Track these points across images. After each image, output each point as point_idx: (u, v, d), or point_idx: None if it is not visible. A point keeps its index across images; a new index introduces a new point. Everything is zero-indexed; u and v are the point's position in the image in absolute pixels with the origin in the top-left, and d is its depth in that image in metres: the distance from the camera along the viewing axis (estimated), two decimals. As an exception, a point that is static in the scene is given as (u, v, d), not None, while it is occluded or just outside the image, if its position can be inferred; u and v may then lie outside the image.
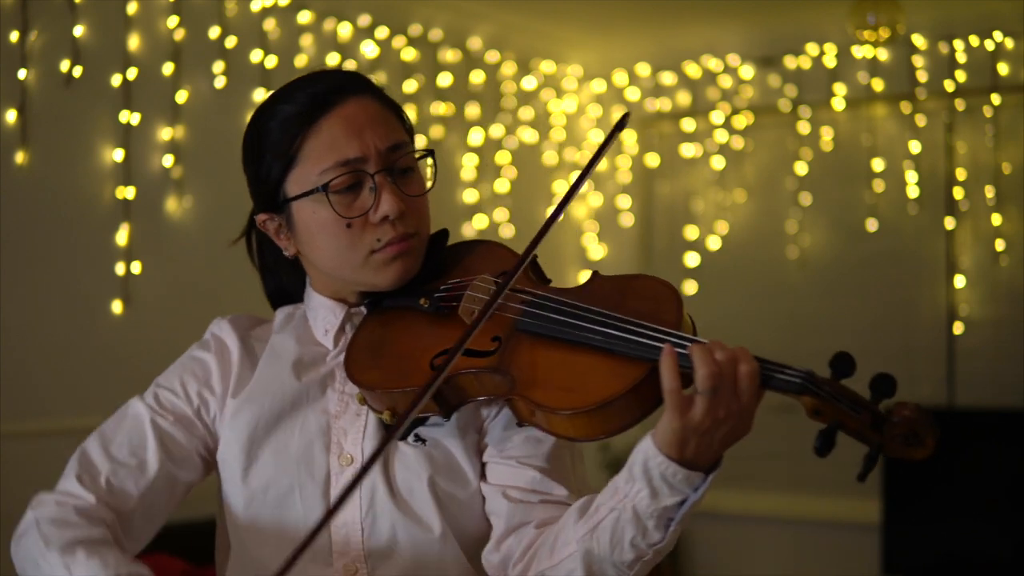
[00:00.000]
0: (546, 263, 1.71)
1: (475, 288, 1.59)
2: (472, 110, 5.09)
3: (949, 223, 4.99)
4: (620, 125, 1.62)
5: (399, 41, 4.78)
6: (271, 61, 4.26)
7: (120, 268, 3.82)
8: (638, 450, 1.39)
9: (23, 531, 1.56)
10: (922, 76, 5.03)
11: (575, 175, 5.54)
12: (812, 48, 5.23)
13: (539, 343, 1.50)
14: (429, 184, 1.66)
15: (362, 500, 1.57)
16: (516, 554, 1.53)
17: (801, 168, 5.25)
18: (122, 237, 3.82)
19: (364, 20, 4.63)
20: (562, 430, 1.45)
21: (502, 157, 5.22)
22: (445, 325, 1.58)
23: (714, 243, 5.43)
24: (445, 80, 4.95)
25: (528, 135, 5.38)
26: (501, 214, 5.20)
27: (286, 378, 1.64)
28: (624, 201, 5.65)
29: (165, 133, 3.95)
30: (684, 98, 5.52)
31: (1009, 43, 4.88)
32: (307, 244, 1.62)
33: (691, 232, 5.49)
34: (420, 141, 4.81)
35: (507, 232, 5.18)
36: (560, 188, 5.56)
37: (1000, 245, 4.90)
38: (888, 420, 1.36)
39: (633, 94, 5.62)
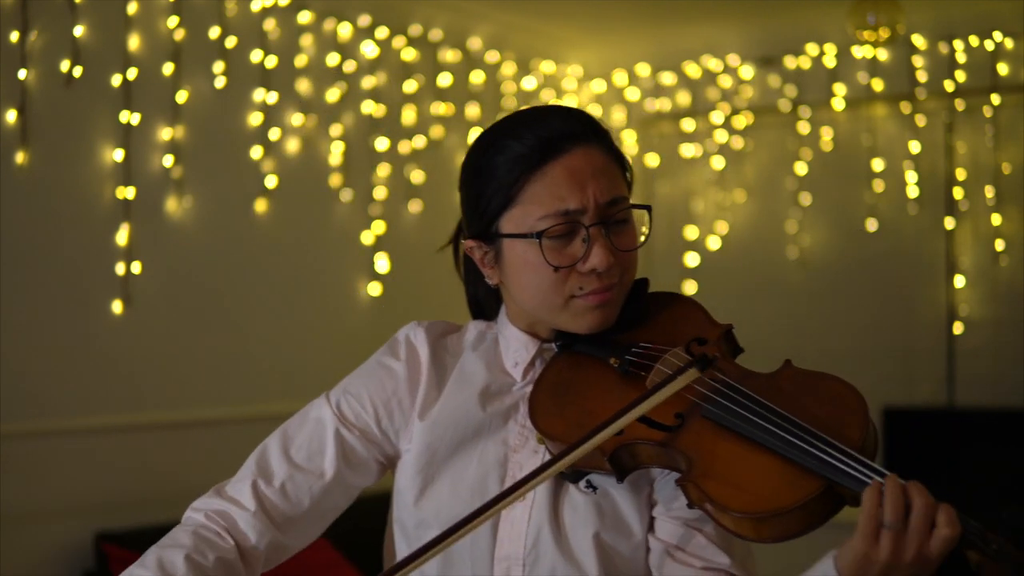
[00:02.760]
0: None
1: (665, 363, 1.58)
2: (472, 110, 5.09)
3: (949, 223, 4.99)
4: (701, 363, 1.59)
5: (399, 41, 4.78)
6: (271, 61, 4.26)
7: (120, 268, 3.82)
8: (817, 570, 1.42)
9: (179, 526, 1.64)
10: (922, 76, 5.03)
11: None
12: (812, 48, 5.23)
13: (719, 432, 1.50)
14: (644, 236, 1.65)
15: (527, 538, 1.58)
16: None
17: (801, 168, 5.26)
18: (122, 237, 3.82)
19: (364, 20, 4.63)
20: (728, 524, 1.45)
21: (502, 157, 5.21)
22: (631, 388, 1.57)
23: (714, 243, 5.43)
24: (445, 80, 4.95)
25: (528, 135, 5.37)
26: (501, 214, 5.19)
27: (472, 407, 1.66)
28: (624, 201, 5.64)
29: (165, 133, 3.95)
30: (684, 98, 5.52)
31: (1009, 43, 4.88)
32: (511, 279, 1.63)
33: (691, 232, 5.49)
34: (420, 141, 4.82)
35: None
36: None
37: (1000, 245, 4.91)
38: None
39: (633, 94, 5.62)
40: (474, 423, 1.65)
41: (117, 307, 3.82)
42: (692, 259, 5.45)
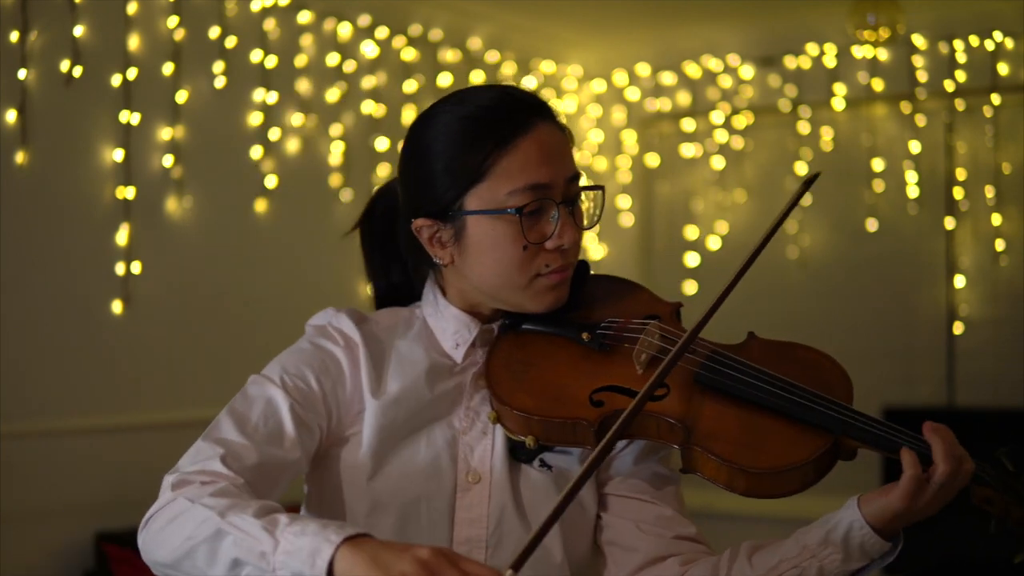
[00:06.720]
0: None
1: (649, 333, 1.60)
2: (472, 110, 5.08)
3: (949, 223, 4.99)
4: (810, 181, 1.68)
5: (399, 41, 4.78)
6: (271, 61, 4.26)
7: (120, 268, 3.82)
8: (841, 519, 1.48)
9: (175, 513, 1.42)
10: (922, 76, 5.03)
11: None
12: (812, 48, 5.23)
13: (717, 398, 1.52)
14: (598, 217, 1.68)
15: (490, 520, 1.57)
16: None
17: (801, 168, 5.25)
18: (122, 237, 3.82)
19: (364, 20, 4.63)
20: (735, 484, 1.48)
21: (502, 157, 5.21)
22: (603, 362, 1.58)
23: (714, 243, 5.43)
24: (445, 80, 4.95)
25: (528, 135, 5.38)
26: (501, 214, 5.20)
27: (420, 388, 1.62)
28: (624, 201, 5.65)
29: (165, 133, 3.95)
30: (684, 98, 5.52)
31: (1009, 43, 4.88)
32: (472, 257, 1.60)
33: (691, 232, 5.49)
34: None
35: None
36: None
37: (1000, 245, 4.90)
38: None
39: (633, 94, 5.62)
40: (423, 405, 1.62)
41: (117, 307, 3.82)
42: (692, 259, 5.45)
